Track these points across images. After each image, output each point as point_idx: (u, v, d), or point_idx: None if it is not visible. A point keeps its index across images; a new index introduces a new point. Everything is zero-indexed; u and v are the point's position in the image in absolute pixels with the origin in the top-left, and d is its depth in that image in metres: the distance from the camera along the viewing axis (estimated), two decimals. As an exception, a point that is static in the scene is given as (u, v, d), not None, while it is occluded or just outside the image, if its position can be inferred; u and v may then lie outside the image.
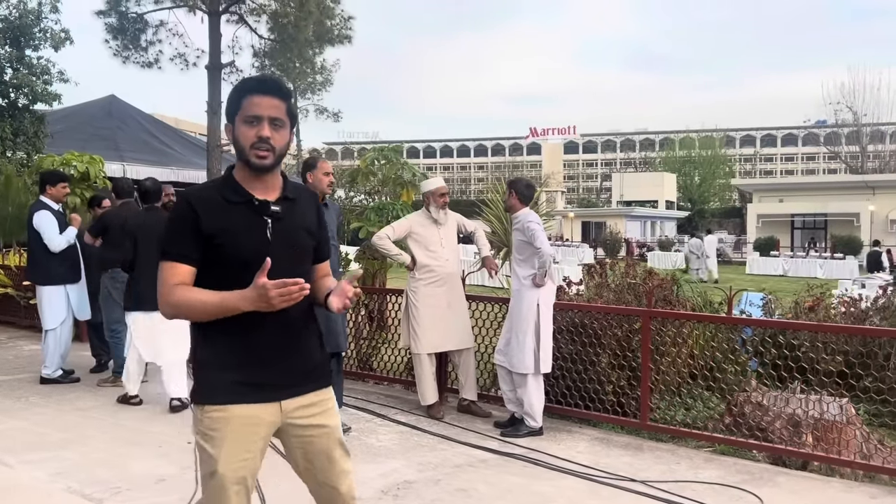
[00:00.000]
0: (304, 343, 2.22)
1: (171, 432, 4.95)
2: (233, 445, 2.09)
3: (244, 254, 2.07)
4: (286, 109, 2.14)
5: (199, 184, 2.36)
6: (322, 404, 2.26)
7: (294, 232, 2.18)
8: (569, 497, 3.87)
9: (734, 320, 5.12)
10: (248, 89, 2.11)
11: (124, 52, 18.78)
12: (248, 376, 2.12)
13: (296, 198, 2.22)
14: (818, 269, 26.81)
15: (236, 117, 2.12)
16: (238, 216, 2.11)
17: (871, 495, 3.95)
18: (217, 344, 2.12)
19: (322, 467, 2.27)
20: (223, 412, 2.10)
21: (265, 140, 2.09)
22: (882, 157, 51.70)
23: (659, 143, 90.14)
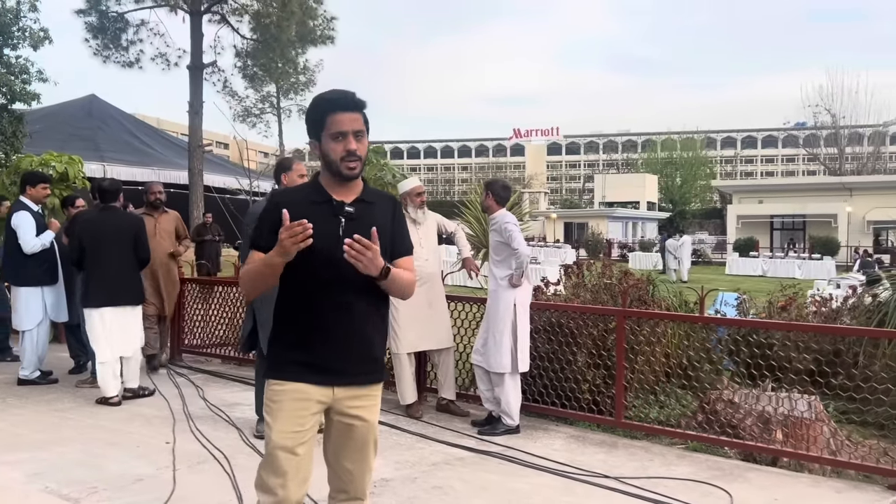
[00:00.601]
0: (366, 336, 2.40)
1: (149, 433, 4.96)
2: (286, 416, 2.34)
3: (317, 247, 2.27)
4: (364, 119, 2.40)
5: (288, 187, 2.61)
6: (370, 398, 2.45)
7: (366, 231, 2.31)
8: (544, 494, 3.94)
9: (706, 319, 5.21)
10: (330, 107, 2.35)
11: (104, 51, 18.65)
12: (307, 358, 2.35)
13: (374, 202, 2.47)
14: (796, 269, 27.16)
15: (322, 134, 2.37)
16: (316, 214, 2.32)
17: (837, 490, 4.05)
18: (286, 325, 2.39)
19: (350, 456, 2.45)
20: (281, 386, 2.36)
21: (353, 153, 2.35)
22: (860, 159, 52.39)
23: (641, 144, 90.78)
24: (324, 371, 2.36)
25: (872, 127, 52.85)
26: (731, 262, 29.92)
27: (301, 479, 2.38)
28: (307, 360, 2.36)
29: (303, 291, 2.37)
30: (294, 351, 2.37)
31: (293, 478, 2.35)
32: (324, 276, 2.33)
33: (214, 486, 3.95)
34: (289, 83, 31.92)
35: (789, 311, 6.16)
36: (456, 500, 3.83)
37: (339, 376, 2.38)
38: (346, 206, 2.36)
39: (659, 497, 3.87)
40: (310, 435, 2.38)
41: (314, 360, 2.35)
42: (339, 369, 2.37)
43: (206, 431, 4.93)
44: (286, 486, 2.34)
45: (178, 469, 4.20)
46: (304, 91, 34.44)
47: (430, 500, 3.82)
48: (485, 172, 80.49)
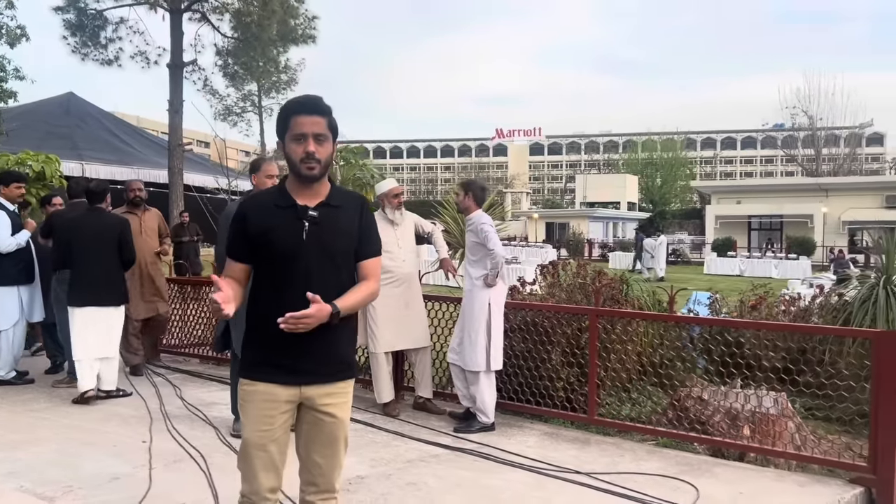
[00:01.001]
0: (333, 335, 2.45)
1: (125, 432, 4.97)
2: (255, 415, 2.45)
3: (282, 250, 2.41)
4: (327, 124, 2.46)
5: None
6: (339, 396, 2.53)
7: (331, 234, 2.46)
8: (515, 490, 4.02)
9: (676, 318, 5.32)
10: (293, 111, 2.44)
11: (83, 49, 18.49)
12: (275, 359, 2.44)
13: (340, 205, 2.52)
14: (773, 269, 27.51)
15: (286, 136, 2.45)
16: (280, 218, 2.44)
17: (801, 484, 4.17)
18: (255, 326, 2.49)
19: (320, 451, 2.53)
20: (251, 386, 2.47)
21: (312, 155, 2.41)
22: (836, 161, 53.11)
23: (622, 145, 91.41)
24: (291, 372, 2.44)
25: (848, 129, 53.58)
26: (709, 261, 30.23)
27: (273, 471, 2.49)
28: (275, 361, 2.44)
29: (269, 294, 2.45)
30: (263, 352, 2.46)
31: (265, 469, 2.47)
32: (285, 279, 2.41)
33: (190, 484, 3.99)
34: (270, 82, 31.85)
35: (759, 310, 6.29)
36: (429, 495, 3.90)
37: (306, 376, 2.45)
38: (309, 211, 2.44)
39: (628, 492, 3.96)
40: (280, 432, 2.47)
41: (281, 361, 2.43)
42: (305, 369, 2.45)
43: (182, 430, 4.96)
44: (258, 477, 2.48)
45: (154, 468, 4.23)
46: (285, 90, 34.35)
47: (403, 496, 3.89)
48: (467, 172, 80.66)
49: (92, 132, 16.93)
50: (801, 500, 3.92)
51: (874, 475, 4.04)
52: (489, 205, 9.43)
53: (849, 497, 3.99)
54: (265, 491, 2.50)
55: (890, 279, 5.94)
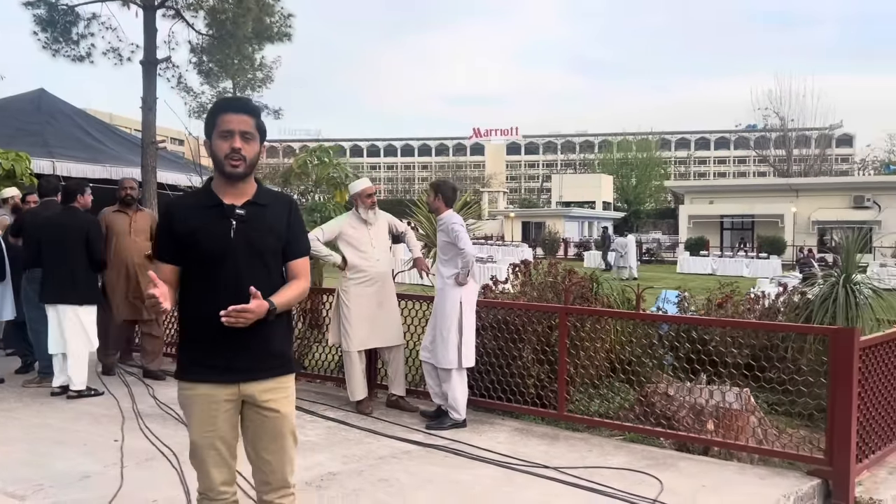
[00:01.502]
0: (268, 333, 2.47)
1: (97, 431, 4.97)
2: (198, 417, 2.49)
3: (210, 250, 2.43)
4: (255, 124, 2.48)
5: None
6: (280, 391, 2.55)
7: (258, 233, 2.48)
8: (485, 484, 4.10)
9: (643, 316, 5.44)
10: (221, 109, 2.48)
11: (54, 45, 18.21)
12: (211, 359, 2.46)
13: (267, 203, 2.54)
14: (744, 268, 27.94)
15: (213, 133, 2.47)
16: (207, 218, 2.46)
17: (761, 476, 4.30)
18: (190, 329, 2.51)
19: (268, 448, 2.56)
20: (190, 389, 2.50)
21: (237, 151, 2.43)
22: (807, 161, 53.99)
23: (598, 145, 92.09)
24: (227, 370, 2.47)
25: (819, 130, 54.49)
26: (682, 260, 30.64)
27: (225, 466, 2.55)
28: (211, 362, 2.47)
29: (200, 295, 2.48)
30: (198, 353, 2.49)
31: (216, 466, 2.54)
32: (215, 279, 2.44)
33: (162, 481, 4.01)
34: (245, 79, 31.62)
35: (726, 308, 6.44)
36: (400, 491, 3.97)
37: (243, 373, 2.49)
38: (236, 210, 2.46)
39: (594, 485, 4.06)
40: (226, 429, 2.52)
41: (215, 362, 2.46)
42: (242, 367, 2.48)
43: (155, 429, 4.97)
44: (211, 474, 2.55)
45: (125, 466, 4.25)
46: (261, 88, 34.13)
47: (374, 492, 3.95)
48: (445, 171, 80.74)
49: (63, 129, 16.69)
50: (760, 492, 4.04)
51: (831, 467, 4.18)
52: (464, 204, 9.52)
53: (806, 488, 4.12)
54: (219, 486, 2.55)
55: (849, 277, 6.11)
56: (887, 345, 4.70)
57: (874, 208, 35.60)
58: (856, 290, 6.18)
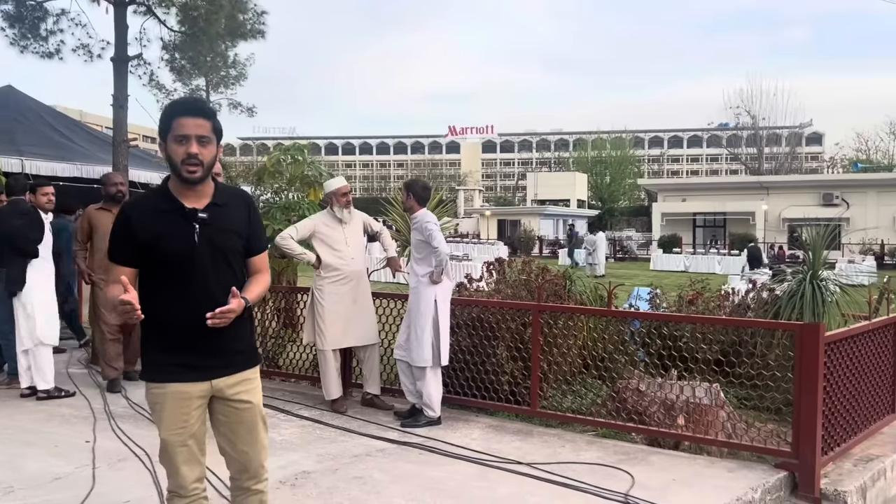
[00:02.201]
0: (235, 329, 2.49)
1: (67, 432, 4.92)
2: (170, 416, 2.50)
3: (175, 255, 2.42)
4: (211, 127, 2.45)
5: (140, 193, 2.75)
6: (248, 383, 2.60)
7: (222, 234, 2.49)
8: (458, 480, 4.13)
9: (615, 313, 5.51)
10: (176, 112, 2.42)
11: (22, 41, 17.89)
12: (181, 358, 2.48)
13: (225, 203, 2.53)
14: (717, 264, 28.33)
15: (168, 136, 2.43)
16: (169, 223, 2.44)
17: (730, 469, 4.38)
18: (157, 329, 2.49)
19: (244, 439, 2.62)
20: (161, 389, 2.50)
21: (194, 156, 2.40)
22: (777, 159, 54.82)
23: (572, 143, 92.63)
24: (196, 369, 2.50)
25: (789, 128, 55.36)
26: (656, 257, 30.99)
27: (196, 463, 2.59)
28: (180, 361, 2.49)
29: (164, 298, 2.48)
30: (166, 354, 2.50)
31: (187, 463, 2.56)
32: (182, 282, 2.44)
33: (135, 482, 3.99)
34: (219, 77, 31.37)
35: (696, 304, 6.54)
36: (374, 488, 3.99)
37: (213, 371, 2.53)
38: (199, 213, 2.45)
39: (567, 480, 4.11)
40: (197, 425, 2.55)
41: (186, 361, 2.49)
42: (214, 364, 2.52)
43: (127, 430, 4.93)
44: (181, 471, 2.57)
45: (97, 467, 4.21)
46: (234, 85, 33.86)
47: (349, 489, 3.96)
48: (420, 169, 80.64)
49: (32, 127, 16.39)
50: (729, 485, 4.12)
51: (797, 460, 4.27)
52: (438, 202, 9.54)
53: (773, 480, 4.21)
54: (190, 483, 2.58)
55: (816, 274, 6.24)
56: (852, 340, 4.82)
57: (842, 205, 36.31)
58: (822, 287, 6.31)
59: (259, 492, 2.71)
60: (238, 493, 2.72)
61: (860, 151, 59.43)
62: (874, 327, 5.15)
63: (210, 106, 2.53)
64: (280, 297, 6.99)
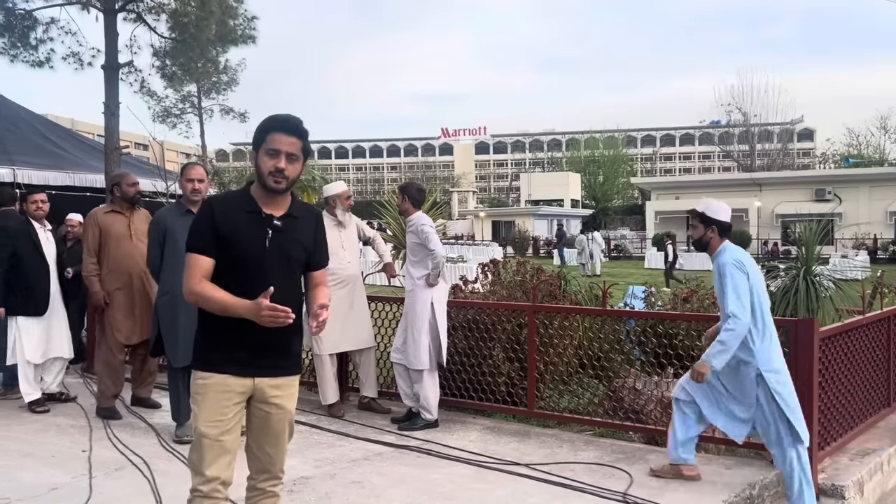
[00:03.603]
0: (285, 335, 2.62)
1: (64, 442, 4.90)
2: (210, 407, 2.58)
3: (245, 255, 2.58)
4: (301, 147, 2.63)
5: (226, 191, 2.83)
6: (288, 388, 2.72)
7: (291, 244, 2.66)
8: (457, 482, 4.13)
9: (610, 312, 5.52)
10: (273, 128, 2.60)
11: (11, 50, 17.82)
12: (230, 354, 2.59)
13: (300, 216, 2.72)
14: (710, 262, 28.36)
15: (260, 148, 2.61)
16: (247, 223, 2.61)
17: (727, 466, 4.40)
18: (213, 323, 2.60)
19: (270, 441, 2.72)
20: (205, 379, 2.60)
21: (281, 171, 2.58)
22: (769, 156, 54.99)
23: (565, 143, 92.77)
24: (245, 365, 2.60)
25: (781, 125, 55.53)
26: (650, 256, 31.03)
27: (226, 463, 2.63)
28: (230, 355, 2.59)
29: (230, 292, 2.57)
30: (220, 346, 2.61)
31: (217, 461, 2.60)
32: (250, 280, 2.56)
33: (133, 491, 3.98)
34: (210, 83, 31.35)
35: (691, 302, 6.55)
36: (373, 492, 3.99)
37: (260, 369, 2.63)
38: (274, 220, 2.63)
39: (565, 480, 4.12)
40: (234, 423, 2.62)
41: (237, 356, 2.59)
42: (259, 363, 2.62)
43: (124, 438, 4.92)
44: (211, 469, 2.60)
45: (94, 476, 4.20)
46: (226, 90, 33.85)
47: (347, 494, 3.96)
48: (414, 172, 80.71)
49: (23, 136, 16.33)
50: (727, 482, 4.14)
51: (794, 455, 4.27)
52: (432, 204, 9.55)
53: (771, 476, 4.23)
54: (218, 483, 2.61)
55: (809, 269, 6.26)
56: (846, 335, 4.84)
57: (835, 201, 36.46)
58: (816, 282, 6.33)
59: (274, 494, 2.79)
60: (254, 494, 2.78)
61: (852, 147, 59.67)
62: (868, 322, 5.18)
63: (304, 127, 2.65)
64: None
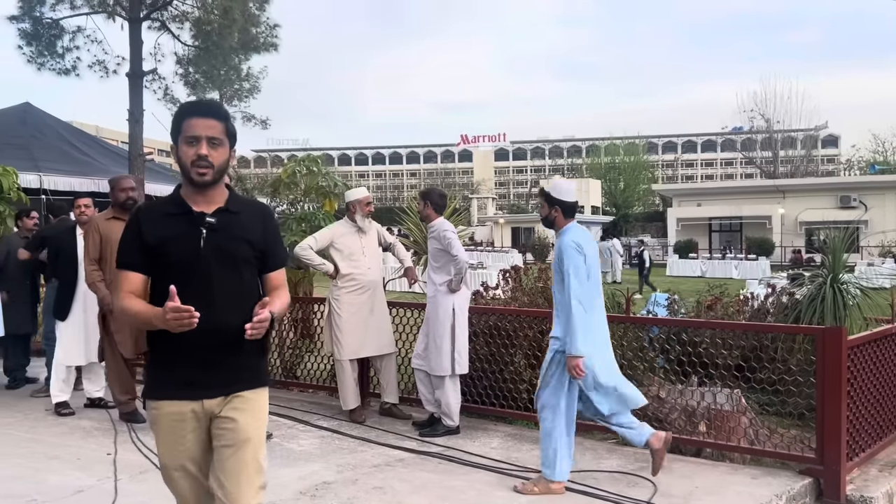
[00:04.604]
0: (237, 348, 2.31)
1: (90, 445, 4.95)
2: (165, 438, 2.37)
3: (180, 260, 2.29)
4: (224, 129, 2.34)
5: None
6: (241, 401, 2.36)
7: (232, 242, 2.34)
8: (478, 489, 4.11)
9: (633, 319, 5.48)
10: (187, 112, 2.33)
11: (39, 58, 18.19)
12: (181, 374, 2.32)
13: (239, 211, 2.40)
14: (733, 269, 28.14)
15: (178, 138, 2.33)
16: (176, 226, 2.33)
17: (753, 476, 4.33)
18: (159, 345, 2.34)
19: (224, 465, 2.31)
20: (156, 408, 2.37)
21: (204, 158, 2.30)
22: (793, 162, 54.37)
23: (585, 149, 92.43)
24: (194, 386, 2.32)
25: (804, 131, 54.90)
26: (672, 263, 30.82)
27: (197, 487, 2.40)
28: (178, 377, 2.33)
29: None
30: (164, 370, 2.36)
31: (188, 491, 2.41)
32: (186, 291, 2.19)
33: (157, 494, 3.97)
34: (232, 90, 31.64)
35: (715, 310, 6.48)
36: (395, 498, 3.98)
37: (210, 388, 2.34)
38: (206, 218, 2.33)
39: (588, 489, 4.09)
40: (195, 449, 2.37)
41: (185, 377, 2.32)
42: (209, 382, 2.33)
43: (148, 442, 4.94)
44: (186, 498, 2.43)
45: (119, 479, 4.24)
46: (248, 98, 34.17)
47: (369, 499, 3.96)
48: (433, 178, 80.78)
49: (50, 143, 16.61)
50: (753, 492, 4.08)
51: (822, 466, 4.22)
52: (453, 210, 9.55)
53: (798, 487, 4.16)
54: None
55: (836, 277, 6.16)
56: (875, 343, 4.75)
57: (860, 208, 35.91)
58: (843, 290, 6.23)
59: None
60: None
61: (877, 153, 58.80)
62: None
63: (223, 108, 2.40)
64: (297, 308, 7.01)
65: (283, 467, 4.43)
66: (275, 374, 6.84)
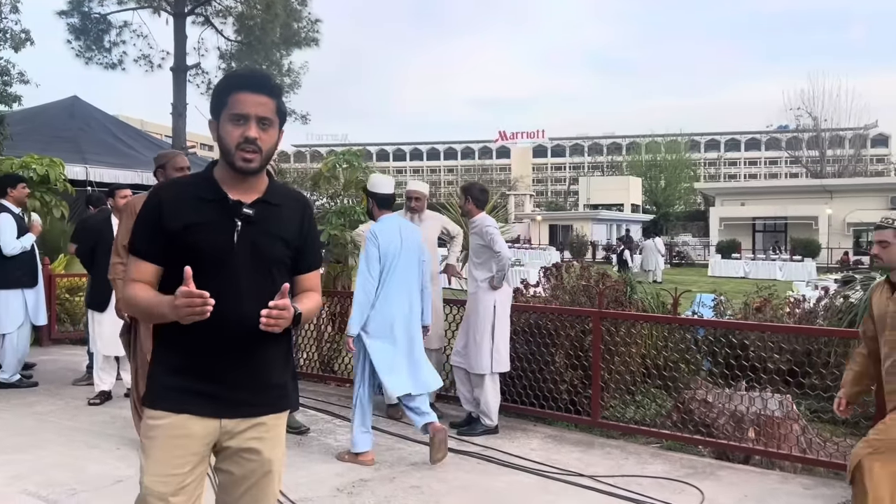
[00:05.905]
0: (265, 358, 2.03)
1: (130, 435, 4.96)
2: (161, 457, 1.97)
3: (206, 255, 1.95)
4: (275, 107, 2.00)
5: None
6: (269, 429, 2.06)
7: (266, 238, 2.02)
8: (518, 492, 4.01)
9: (679, 320, 5.31)
10: (236, 85, 1.98)
11: (87, 52, 18.62)
12: (191, 385, 1.98)
13: (280, 204, 2.07)
14: (777, 271, 27.46)
15: (221, 114, 1.99)
16: (206, 214, 1.98)
17: (806, 486, 4.15)
18: (170, 344, 2.00)
19: (239, 502, 2.08)
20: (157, 419, 1.98)
21: (252, 141, 1.95)
22: (841, 162, 52.92)
23: (625, 147, 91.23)
24: (210, 399, 1.98)
25: (853, 130, 53.38)
26: (714, 263, 30.21)
27: None
28: (190, 387, 1.98)
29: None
30: (176, 376, 1.99)
31: None
32: (213, 288, 1.86)
33: (194, 486, 3.98)
34: (273, 85, 32.05)
35: (764, 312, 6.27)
36: (432, 498, 3.90)
37: (229, 407, 2.00)
38: (243, 208, 1.99)
39: (632, 495, 3.95)
40: (191, 480, 2.00)
41: (199, 388, 1.98)
42: (228, 398, 2.00)
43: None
44: None
45: (158, 470, 4.23)
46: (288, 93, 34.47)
47: (406, 499, 3.88)
48: (471, 174, 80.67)
49: (96, 136, 16.94)
50: (805, 502, 3.90)
51: (880, 478, 4.01)
52: (491, 207, 9.44)
53: (850, 498, 3.96)
54: None
55: (893, 280, 5.89)
56: (937, 350, 4.50)
57: (912, 209, 34.79)
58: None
59: None
60: None
61: (929, 153, 56.90)
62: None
63: (276, 82, 2.03)
64: (335, 302, 6.98)
65: (320, 463, 4.38)
66: (312, 367, 6.82)
